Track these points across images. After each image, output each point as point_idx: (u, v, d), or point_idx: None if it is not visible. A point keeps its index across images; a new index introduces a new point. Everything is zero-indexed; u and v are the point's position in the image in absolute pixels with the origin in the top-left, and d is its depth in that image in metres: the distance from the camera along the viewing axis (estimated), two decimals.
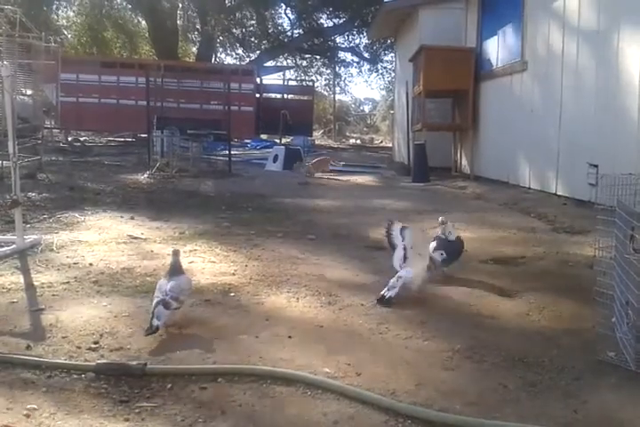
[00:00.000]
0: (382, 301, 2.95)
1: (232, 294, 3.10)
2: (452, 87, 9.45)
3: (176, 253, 2.72)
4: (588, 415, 1.92)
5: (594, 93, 5.89)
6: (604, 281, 2.31)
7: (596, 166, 5.65)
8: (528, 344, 2.49)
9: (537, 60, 7.28)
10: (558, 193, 6.57)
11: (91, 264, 3.63)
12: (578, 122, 6.23)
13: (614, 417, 1.92)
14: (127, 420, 1.83)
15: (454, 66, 9.26)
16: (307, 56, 28.32)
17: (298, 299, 3.06)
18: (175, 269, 2.66)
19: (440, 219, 3.59)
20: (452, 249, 3.48)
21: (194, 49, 28.55)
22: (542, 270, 3.70)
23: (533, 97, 7.40)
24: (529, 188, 7.35)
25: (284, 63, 28.50)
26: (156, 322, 2.42)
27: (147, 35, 26.13)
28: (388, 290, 2.97)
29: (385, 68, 27.61)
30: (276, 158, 11.48)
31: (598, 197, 2.46)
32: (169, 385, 2.05)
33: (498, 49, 8.78)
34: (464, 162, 10.10)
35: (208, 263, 3.74)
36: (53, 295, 3.01)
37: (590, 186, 5.57)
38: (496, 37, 8.84)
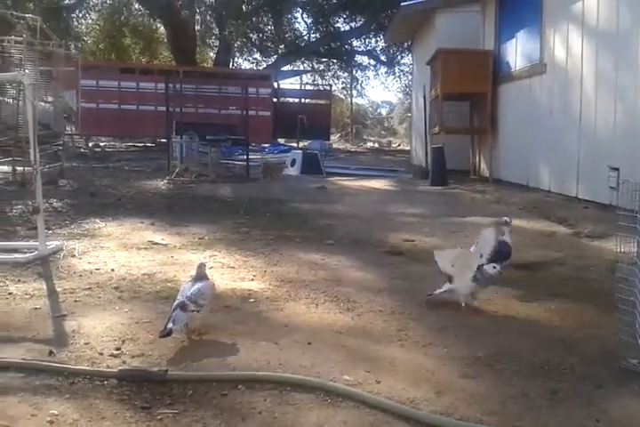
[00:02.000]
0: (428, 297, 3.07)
1: (251, 300, 3.12)
2: (470, 90, 9.42)
3: (201, 266, 2.75)
4: (611, 424, 1.90)
5: (614, 95, 5.83)
6: (626, 287, 2.28)
7: (616, 169, 5.59)
8: (549, 352, 2.47)
9: (556, 62, 7.23)
10: (579, 196, 6.50)
11: (112, 270, 3.67)
12: (598, 124, 6.17)
13: (637, 426, 1.90)
14: None
15: (472, 69, 9.23)
16: (323, 60, 28.37)
17: (317, 305, 3.06)
18: (199, 277, 2.69)
19: (504, 219, 3.60)
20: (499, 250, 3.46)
21: (212, 54, 28.78)
22: (563, 276, 3.68)
23: (553, 99, 7.34)
24: (549, 191, 7.29)
25: (301, 67, 28.58)
26: (170, 325, 2.43)
27: (165, 40, 26.39)
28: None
29: (402, 70, 27.57)
30: (293, 163, 11.51)
31: (619, 202, 2.43)
32: (190, 392, 2.07)
33: (516, 51, 8.73)
34: (483, 165, 10.04)
35: (227, 269, 3.77)
36: (75, 301, 3.05)
37: (611, 189, 5.51)
38: (514, 40, 8.79)
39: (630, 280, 2.29)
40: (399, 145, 29.59)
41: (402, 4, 12.15)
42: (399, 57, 26.34)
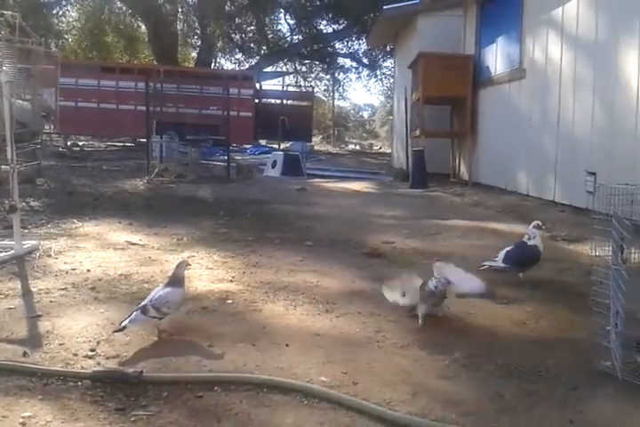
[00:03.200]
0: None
1: (229, 301, 3.10)
2: (451, 94, 9.48)
3: (179, 266, 2.72)
4: (585, 426, 1.92)
5: (591, 101, 5.91)
6: (600, 290, 2.31)
7: (593, 174, 5.66)
8: (525, 353, 2.49)
9: (535, 67, 7.32)
10: (556, 200, 6.58)
11: (88, 270, 3.63)
12: (576, 129, 6.25)
13: None
14: None
15: (453, 73, 9.30)
16: (306, 62, 28.41)
17: (295, 306, 3.06)
18: (174, 280, 2.66)
19: (536, 222, 3.63)
20: (524, 254, 3.52)
21: (193, 54, 28.66)
22: (540, 278, 3.70)
23: (532, 104, 7.42)
24: (527, 195, 7.36)
25: (284, 69, 28.59)
26: (125, 322, 2.45)
27: (146, 39, 26.22)
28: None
29: (384, 73, 27.75)
30: (274, 164, 11.50)
31: (595, 206, 2.46)
32: (165, 393, 2.05)
33: (496, 56, 8.81)
34: (462, 168, 10.12)
35: (205, 270, 3.74)
36: (51, 302, 3.01)
37: (588, 193, 5.59)
38: (494, 45, 8.88)
39: (605, 283, 2.32)
40: (380, 148, 29.72)
41: (384, 7, 12.21)
42: (381, 60, 26.54)
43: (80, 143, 18.89)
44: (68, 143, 17.62)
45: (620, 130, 5.40)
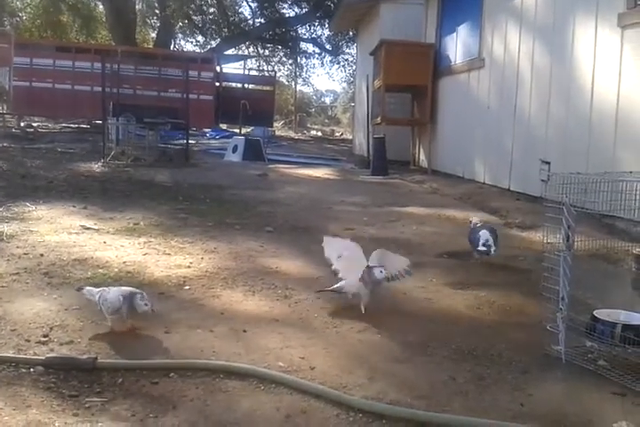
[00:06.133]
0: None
1: (187, 287, 3.08)
2: (412, 82, 9.53)
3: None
4: (534, 408, 1.97)
5: (548, 91, 6.02)
6: (551, 277, 2.37)
7: (548, 163, 5.79)
8: (478, 338, 2.55)
9: (494, 57, 7.40)
10: (511, 189, 6.71)
11: (42, 255, 3.55)
12: (532, 119, 6.36)
13: (559, 410, 1.98)
14: (76, 415, 1.80)
15: (414, 61, 9.33)
16: (269, 45, 28.11)
17: (254, 292, 3.06)
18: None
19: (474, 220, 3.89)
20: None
21: (152, 35, 28.03)
22: (494, 265, 3.79)
23: (490, 94, 7.51)
24: (483, 183, 7.49)
25: (246, 52, 28.21)
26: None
27: (104, 19, 25.50)
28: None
29: (346, 60, 27.63)
30: (235, 149, 11.39)
31: (548, 195, 2.52)
32: (119, 380, 2.03)
33: (456, 45, 8.88)
34: (422, 156, 10.21)
35: (162, 255, 3.70)
36: (2, 287, 2.94)
37: (542, 182, 5.71)
38: (455, 34, 8.93)
39: (556, 269, 2.38)
40: (342, 134, 29.69)
41: None
42: (344, 46, 26.40)
43: (34, 124, 18.34)
44: (22, 124, 17.10)
45: (574, 120, 5.52)
